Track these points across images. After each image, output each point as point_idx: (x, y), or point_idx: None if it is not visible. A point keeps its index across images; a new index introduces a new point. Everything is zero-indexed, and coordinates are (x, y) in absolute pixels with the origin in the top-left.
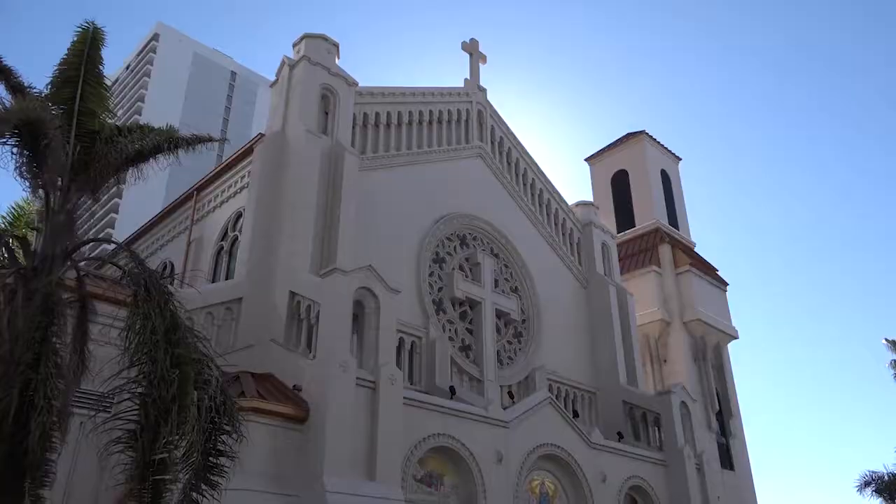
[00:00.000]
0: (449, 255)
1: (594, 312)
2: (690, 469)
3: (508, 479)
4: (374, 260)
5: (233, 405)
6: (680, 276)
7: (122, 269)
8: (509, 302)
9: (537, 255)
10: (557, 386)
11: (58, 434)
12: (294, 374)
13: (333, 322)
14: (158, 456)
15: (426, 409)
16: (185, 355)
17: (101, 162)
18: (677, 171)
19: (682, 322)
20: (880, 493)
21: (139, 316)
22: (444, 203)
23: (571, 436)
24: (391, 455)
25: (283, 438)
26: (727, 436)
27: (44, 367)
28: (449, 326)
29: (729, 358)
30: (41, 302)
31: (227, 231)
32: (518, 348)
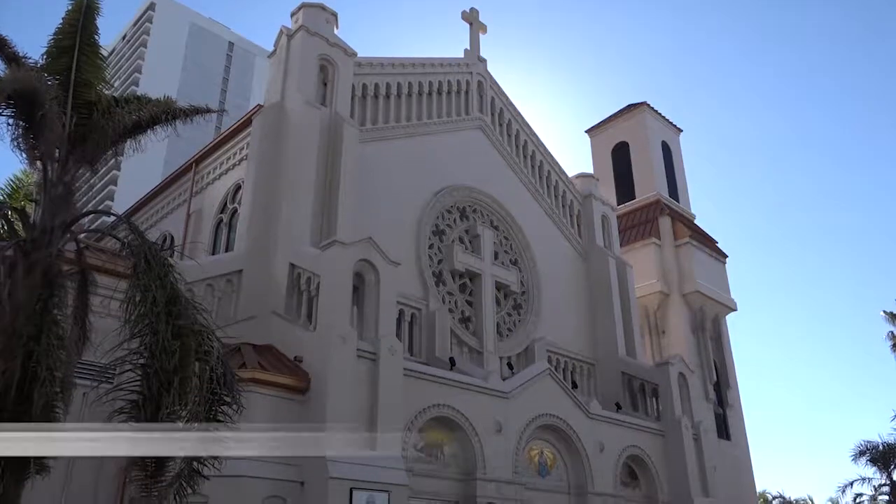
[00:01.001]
0: (449, 228)
1: (593, 284)
2: (687, 439)
3: (507, 449)
4: (373, 232)
5: (233, 376)
6: (679, 248)
7: (122, 242)
8: (509, 274)
9: (537, 227)
10: (556, 357)
11: (61, 404)
12: (294, 346)
13: (333, 294)
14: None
15: (426, 380)
16: (186, 327)
17: (99, 133)
18: (678, 143)
19: (681, 294)
20: (874, 463)
21: (139, 288)
22: (444, 175)
23: (570, 406)
24: (391, 425)
25: (285, 409)
26: (724, 406)
27: (45, 338)
28: (449, 298)
29: (727, 330)
30: (41, 274)
31: (227, 203)
32: (517, 320)
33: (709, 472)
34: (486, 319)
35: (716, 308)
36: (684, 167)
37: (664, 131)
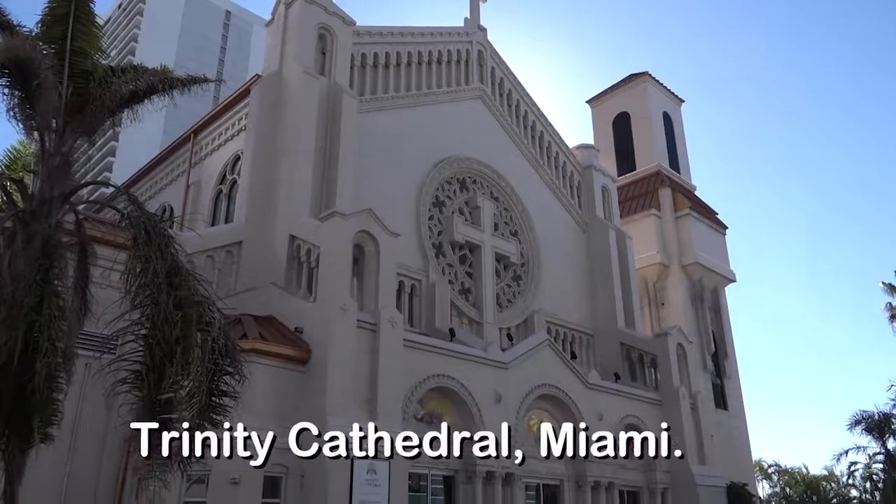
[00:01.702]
0: (448, 199)
1: (593, 256)
2: (685, 408)
3: (507, 418)
4: (373, 203)
5: (234, 347)
6: (679, 220)
7: (121, 213)
8: (509, 245)
9: (537, 199)
10: (556, 328)
11: (63, 375)
12: (295, 317)
13: (333, 265)
14: (164, 396)
15: (426, 350)
16: (187, 297)
17: (96, 103)
18: (679, 114)
19: (681, 265)
20: (870, 432)
21: (140, 259)
22: (444, 146)
23: (569, 376)
24: (392, 395)
25: (286, 379)
26: (722, 377)
27: (47, 309)
28: (448, 270)
29: (726, 301)
30: (41, 245)
31: (226, 174)
32: (517, 291)
33: (706, 441)
34: (486, 291)
35: (715, 279)
36: (685, 138)
37: (666, 102)
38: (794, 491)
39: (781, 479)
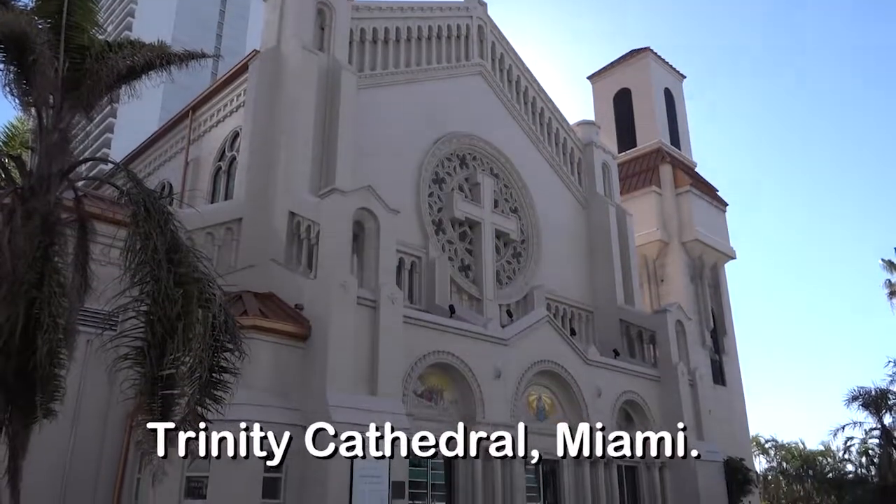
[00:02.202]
0: (448, 176)
1: (593, 233)
2: (683, 384)
3: (506, 394)
4: (373, 180)
5: (234, 323)
6: (680, 197)
7: (121, 190)
8: (509, 222)
9: (537, 175)
10: (555, 305)
11: (65, 351)
12: (295, 294)
13: (333, 242)
14: (166, 372)
15: (426, 327)
16: (187, 274)
17: (93, 78)
18: (681, 90)
19: (681, 242)
20: (867, 407)
21: (140, 236)
22: (444, 122)
23: (568, 353)
24: (392, 371)
25: (287, 356)
26: (720, 353)
27: (47, 285)
28: (448, 247)
29: (725, 277)
30: (40, 222)
31: (225, 151)
32: (517, 268)
33: (703, 416)
34: (486, 267)
35: (715, 256)
36: (686, 114)
37: (667, 78)
38: (790, 465)
39: (778, 453)
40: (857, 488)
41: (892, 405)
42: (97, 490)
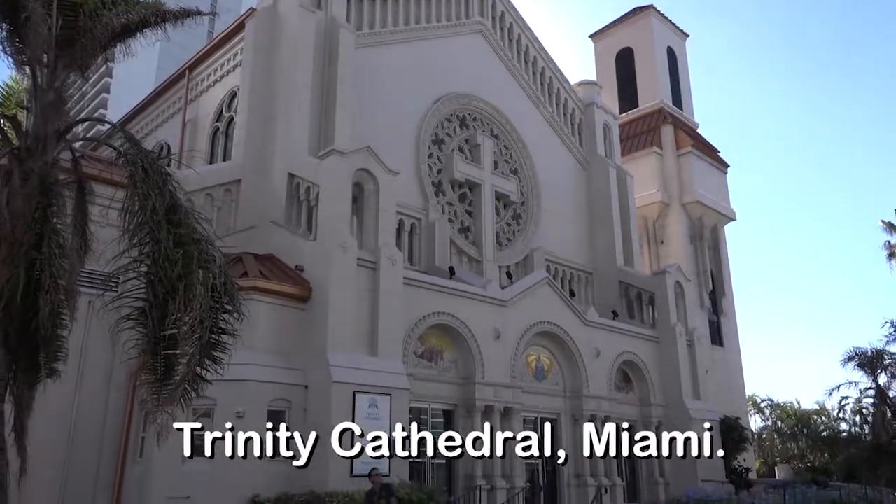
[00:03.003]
0: (448, 137)
1: (593, 194)
2: (681, 345)
3: (505, 355)
4: (372, 141)
5: (233, 285)
6: (681, 158)
7: (118, 151)
8: (509, 184)
9: (538, 136)
10: (555, 266)
11: (66, 311)
12: (295, 255)
13: (333, 203)
14: (168, 332)
15: (426, 288)
16: (187, 235)
17: (87, 36)
18: (684, 49)
19: (681, 204)
20: (862, 367)
21: (138, 197)
22: (444, 82)
23: (567, 314)
24: (392, 332)
25: (287, 317)
26: (719, 314)
27: (47, 247)
28: (448, 208)
29: (725, 239)
30: (38, 183)
31: (223, 111)
32: (517, 230)
33: (701, 376)
34: (486, 229)
35: (715, 217)
36: (689, 74)
37: (670, 37)
38: (785, 424)
39: (774, 413)
40: (851, 446)
41: (888, 365)
42: (103, 447)
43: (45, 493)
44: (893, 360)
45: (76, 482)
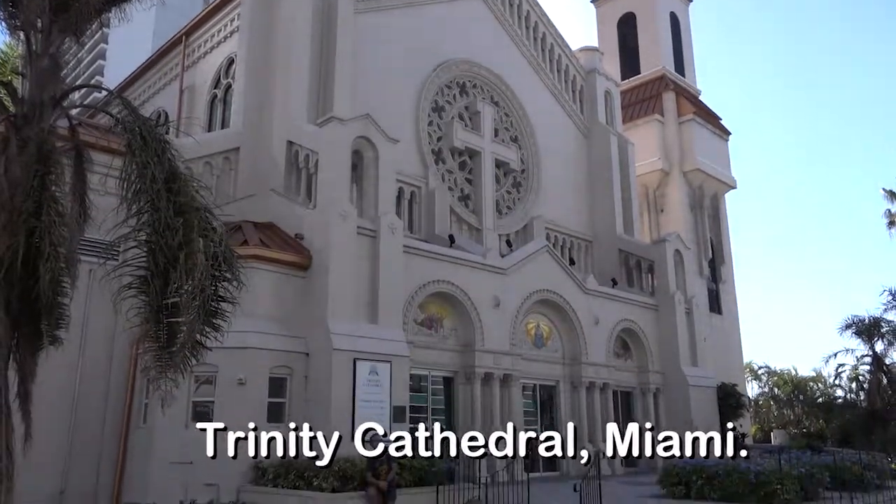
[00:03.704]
0: (448, 104)
1: (594, 162)
2: (680, 312)
3: (505, 322)
4: (371, 108)
5: (232, 254)
6: (682, 125)
7: (115, 118)
8: (509, 151)
9: (538, 104)
10: (555, 235)
11: (67, 280)
12: (295, 224)
13: (332, 171)
14: (170, 300)
15: (426, 256)
16: (187, 203)
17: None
18: (687, 14)
19: (682, 172)
20: (860, 335)
21: (136, 165)
22: (443, 48)
23: (567, 282)
24: (392, 300)
25: (288, 285)
26: (718, 282)
27: (46, 215)
28: (448, 176)
29: (725, 207)
30: (35, 150)
31: (220, 78)
32: (517, 198)
33: (699, 343)
34: (486, 197)
35: (715, 185)
36: (692, 40)
37: (673, 1)
38: (781, 391)
39: (770, 380)
40: (846, 412)
41: (885, 333)
42: (106, 413)
43: (51, 458)
44: (891, 327)
45: (81, 447)
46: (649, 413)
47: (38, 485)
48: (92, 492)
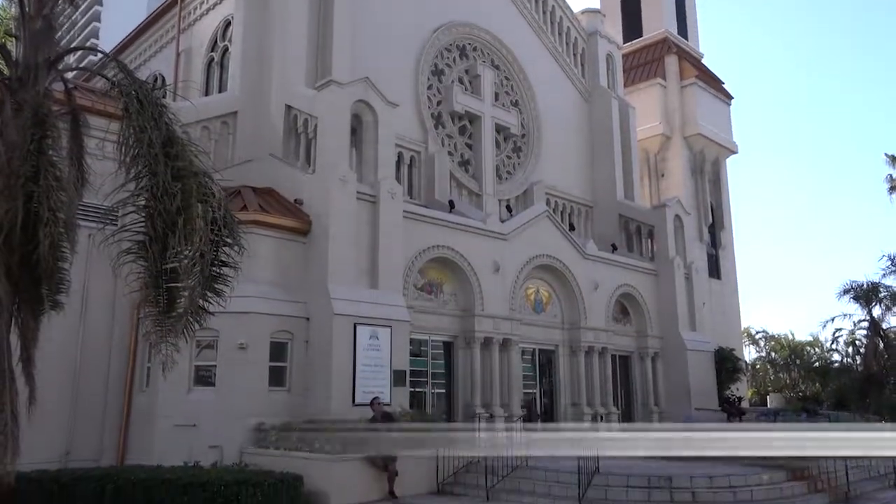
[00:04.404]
0: (448, 67)
1: (595, 126)
2: (679, 278)
3: (505, 287)
4: (370, 72)
5: (232, 218)
6: (685, 89)
7: (111, 81)
8: (509, 116)
9: (539, 67)
10: (555, 200)
11: (67, 245)
12: (294, 189)
13: (331, 135)
14: (170, 265)
15: (426, 222)
16: (185, 168)
17: None
18: None
19: (683, 136)
20: (857, 300)
21: (133, 129)
22: (443, 10)
23: (567, 247)
24: (392, 265)
25: (288, 250)
26: (717, 247)
27: (43, 179)
28: (448, 141)
29: (726, 172)
30: (31, 114)
31: (217, 41)
32: (517, 163)
33: (697, 308)
34: (486, 162)
35: (716, 150)
36: (695, 2)
37: None
38: (778, 355)
39: (768, 344)
40: (842, 376)
41: (883, 297)
42: (109, 376)
43: (56, 421)
44: (889, 292)
45: (85, 410)
46: (647, 376)
47: (43, 446)
48: (97, 453)
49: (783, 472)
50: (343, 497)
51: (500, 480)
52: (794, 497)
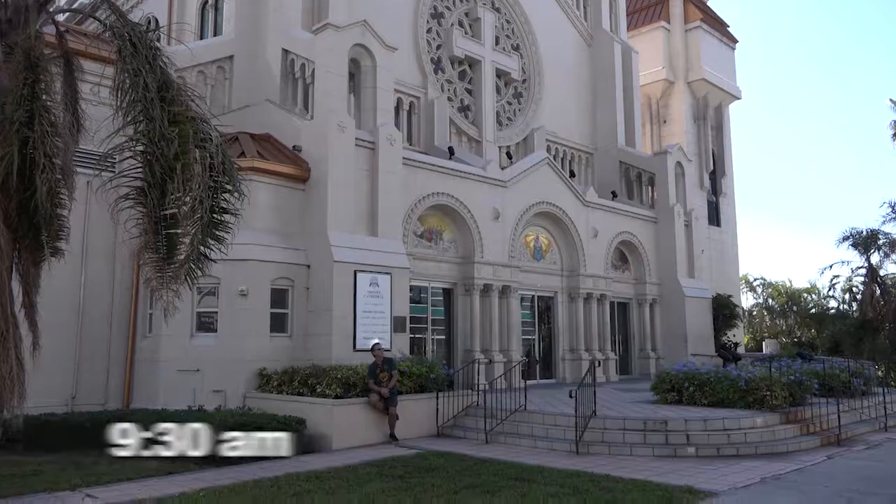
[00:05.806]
0: (447, 10)
1: (597, 71)
2: (679, 225)
3: (504, 234)
4: (367, 14)
5: (232, 164)
6: (689, 33)
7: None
8: (510, 60)
9: (540, 10)
10: (556, 146)
11: (64, 191)
12: (292, 135)
13: (329, 81)
14: (169, 211)
15: (425, 169)
16: (182, 113)
17: None
18: None
19: (686, 82)
20: (856, 247)
21: (128, 73)
22: None
23: (567, 195)
24: (392, 212)
25: (287, 197)
26: (718, 194)
27: (38, 124)
28: (448, 86)
29: (729, 118)
30: (23, 57)
31: None
32: (518, 109)
33: (696, 255)
34: (486, 108)
35: (720, 96)
36: None
37: None
38: (776, 302)
39: (765, 291)
40: (838, 322)
41: (882, 244)
42: (112, 323)
43: (61, 366)
44: (888, 239)
45: (90, 355)
46: (645, 323)
47: (49, 390)
48: (102, 397)
49: (776, 414)
50: (345, 440)
51: (498, 423)
52: (788, 440)
